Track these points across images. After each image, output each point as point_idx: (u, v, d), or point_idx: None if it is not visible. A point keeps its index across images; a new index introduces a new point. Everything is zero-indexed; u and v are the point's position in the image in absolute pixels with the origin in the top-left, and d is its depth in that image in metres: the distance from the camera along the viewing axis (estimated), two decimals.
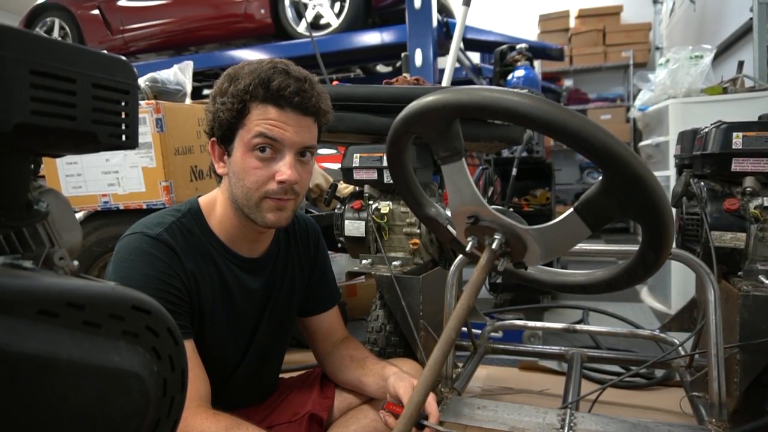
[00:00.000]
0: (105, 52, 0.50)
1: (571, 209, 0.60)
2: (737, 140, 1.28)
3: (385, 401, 1.01)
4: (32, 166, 0.54)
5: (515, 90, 0.53)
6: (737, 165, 1.30)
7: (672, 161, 2.27)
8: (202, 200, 1.05)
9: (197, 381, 0.90)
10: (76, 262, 0.56)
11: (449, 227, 0.79)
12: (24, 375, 0.37)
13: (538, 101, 0.50)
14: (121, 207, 1.80)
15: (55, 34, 4.34)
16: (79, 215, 1.95)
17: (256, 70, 0.93)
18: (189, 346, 0.92)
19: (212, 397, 0.94)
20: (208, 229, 1.02)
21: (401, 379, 1.00)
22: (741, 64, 2.58)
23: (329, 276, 1.25)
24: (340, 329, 1.23)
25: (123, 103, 0.53)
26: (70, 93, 0.46)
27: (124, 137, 0.54)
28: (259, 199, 0.95)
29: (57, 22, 4.34)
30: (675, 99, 2.62)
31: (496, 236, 0.64)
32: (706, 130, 1.38)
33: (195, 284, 0.97)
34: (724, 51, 3.47)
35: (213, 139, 0.99)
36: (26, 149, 0.48)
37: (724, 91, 2.48)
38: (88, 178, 1.80)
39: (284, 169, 0.93)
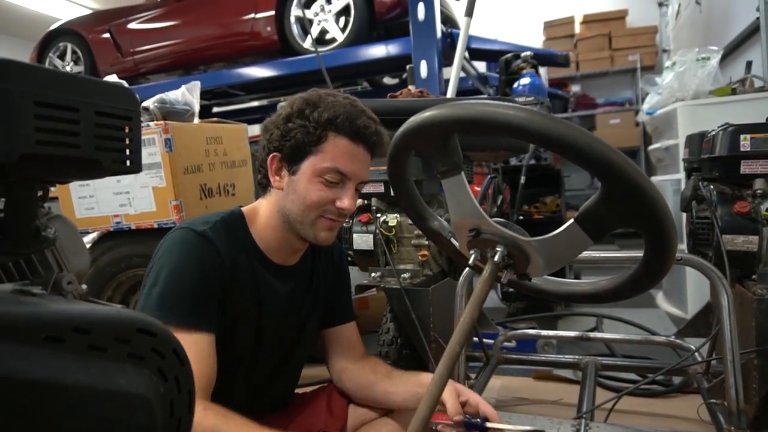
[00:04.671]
0: (107, 79, 0.52)
1: (572, 220, 0.60)
2: (745, 142, 1.27)
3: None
4: (40, 193, 0.55)
5: (511, 104, 0.54)
6: (746, 167, 1.29)
7: (682, 164, 2.26)
8: (245, 209, 1.11)
9: (200, 375, 0.90)
10: (84, 286, 0.57)
11: (452, 240, 0.79)
12: (31, 401, 0.38)
13: (532, 114, 0.51)
14: (133, 227, 1.83)
15: (68, 58, 4.44)
16: (92, 236, 1.97)
17: (338, 104, 1.00)
18: (208, 340, 0.94)
19: (226, 399, 0.94)
20: (249, 234, 1.07)
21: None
22: (749, 64, 2.56)
23: (348, 292, 1.27)
24: (359, 347, 1.24)
25: (126, 129, 0.54)
26: (74, 122, 0.47)
27: (128, 162, 0.55)
28: (315, 217, 1.02)
29: (69, 46, 4.44)
30: (683, 101, 2.61)
31: (498, 249, 0.64)
32: (713, 133, 1.37)
33: (231, 280, 1.00)
34: (731, 52, 3.44)
35: (276, 154, 1.03)
36: (32, 178, 0.49)
37: (733, 92, 2.46)
38: (100, 200, 1.83)
39: (346, 199, 1.01)
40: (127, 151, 0.54)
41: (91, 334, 0.42)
